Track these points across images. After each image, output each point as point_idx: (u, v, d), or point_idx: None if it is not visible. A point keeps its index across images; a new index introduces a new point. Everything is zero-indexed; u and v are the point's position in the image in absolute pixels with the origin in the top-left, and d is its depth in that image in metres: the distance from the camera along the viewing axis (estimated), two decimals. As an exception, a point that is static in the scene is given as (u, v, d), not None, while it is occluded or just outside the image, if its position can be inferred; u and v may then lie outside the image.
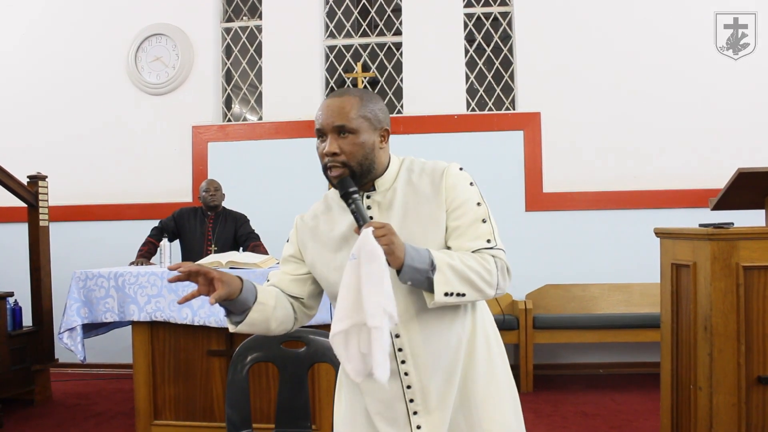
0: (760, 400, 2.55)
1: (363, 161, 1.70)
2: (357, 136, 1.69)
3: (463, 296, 1.61)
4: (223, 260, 4.08)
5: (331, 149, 1.68)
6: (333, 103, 1.71)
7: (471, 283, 1.62)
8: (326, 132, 1.70)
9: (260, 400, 3.87)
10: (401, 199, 1.76)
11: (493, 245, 1.69)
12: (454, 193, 1.72)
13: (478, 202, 1.73)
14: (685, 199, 5.42)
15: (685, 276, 2.79)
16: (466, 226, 1.70)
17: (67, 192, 6.05)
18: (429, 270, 1.58)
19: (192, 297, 1.63)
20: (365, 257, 1.49)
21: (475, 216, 1.71)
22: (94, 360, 5.49)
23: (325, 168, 1.71)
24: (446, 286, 1.58)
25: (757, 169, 2.69)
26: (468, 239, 1.69)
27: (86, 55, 6.21)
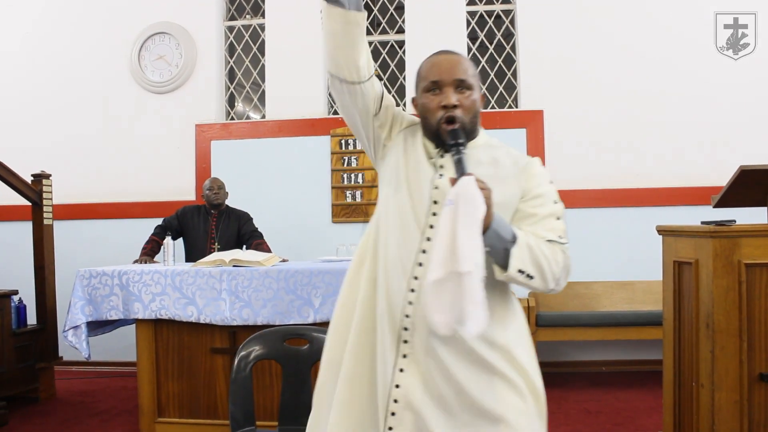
0: (762, 397, 2.55)
1: (473, 119, 1.76)
2: (472, 93, 1.75)
3: (531, 278, 1.63)
4: (226, 258, 4.10)
5: (452, 100, 1.71)
6: (451, 58, 1.75)
7: (541, 270, 1.64)
8: (445, 84, 1.73)
9: (263, 398, 3.88)
10: (489, 159, 1.78)
11: (564, 242, 1.73)
12: (535, 182, 1.77)
13: (555, 200, 1.78)
14: (688, 197, 5.41)
15: (687, 273, 2.79)
16: (542, 217, 1.73)
17: (71, 190, 6.07)
18: (510, 241, 1.61)
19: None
20: (464, 202, 1.50)
21: (552, 211, 1.75)
22: (98, 358, 5.49)
23: (439, 120, 1.72)
24: (521, 262, 1.61)
25: (759, 166, 2.70)
26: (543, 228, 1.72)
27: (89, 53, 6.23)
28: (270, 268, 3.97)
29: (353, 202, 5.80)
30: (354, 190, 5.80)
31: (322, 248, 5.41)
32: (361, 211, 5.79)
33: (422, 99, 1.77)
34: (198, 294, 3.98)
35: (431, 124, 1.75)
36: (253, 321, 3.89)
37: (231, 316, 3.92)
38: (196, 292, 3.98)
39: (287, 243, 5.50)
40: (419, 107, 1.81)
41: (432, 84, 1.74)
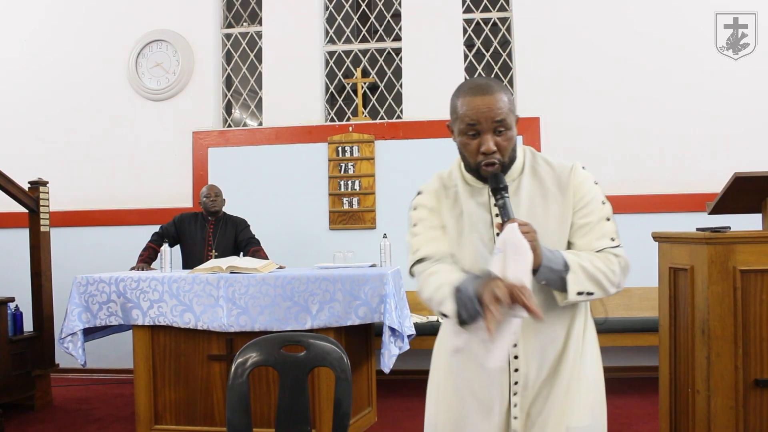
0: (758, 403, 2.56)
1: (511, 155, 1.77)
2: (509, 131, 1.75)
3: (591, 295, 1.70)
4: (223, 265, 4.10)
5: (491, 147, 1.72)
6: (486, 100, 1.72)
7: (599, 283, 1.70)
8: (483, 131, 1.72)
9: (260, 405, 3.88)
10: (528, 191, 1.80)
11: (617, 243, 1.76)
12: (582, 191, 1.78)
13: (602, 200, 1.79)
14: (683, 204, 5.43)
15: (683, 280, 2.80)
16: (593, 225, 1.77)
17: (68, 197, 6.08)
18: (563, 270, 1.66)
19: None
20: (511, 250, 1.56)
21: (601, 214, 1.78)
22: (95, 365, 5.51)
23: (477, 165, 1.74)
24: (578, 285, 1.67)
25: (754, 173, 2.71)
26: (594, 237, 1.76)
27: (87, 61, 6.24)
28: (267, 275, 3.97)
29: (350, 209, 5.81)
30: (351, 197, 5.81)
31: (319, 255, 5.42)
32: (358, 218, 5.80)
33: (460, 138, 1.77)
34: (195, 301, 3.99)
35: (470, 163, 1.77)
36: (250, 328, 3.90)
37: (228, 323, 3.92)
38: (193, 299, 3.99)
39: (284, 250, 5.51)
40: (457, 142, 1.81)
41: (470, 129, 1.73)
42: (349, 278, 3.89)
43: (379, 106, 6.25)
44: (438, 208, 1.87)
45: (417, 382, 5.44)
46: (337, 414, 2.47)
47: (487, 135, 1.72)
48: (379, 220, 5.78)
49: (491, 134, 1.72)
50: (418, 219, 1.88)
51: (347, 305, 3.86)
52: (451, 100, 1.83)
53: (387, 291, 3.83)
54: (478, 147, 1.73)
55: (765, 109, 5.56)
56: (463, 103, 1.74)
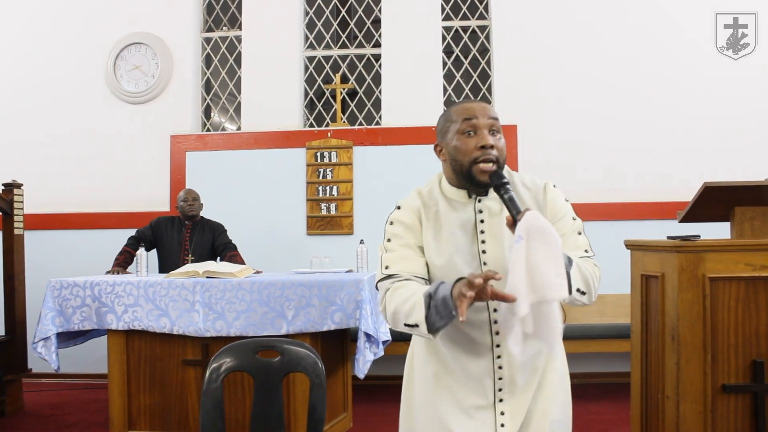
0: (725, 408, 2.60)
1: (503, 162, 1.81)
2: (501, 137, 1.81)
3: (584, 295, 1.73)
4: (200, 270, 4.09)
5: (489, 141, 1.76)
6: (481, 103, 1.82)
7: (589, 286, 1.75)
8: (480, 126, 1.77)
9: (235, 410, 3.87)
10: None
11: (591, 255, 1.84)
12: (555, 208, 1.86)
13: (573, 216, 1.87)
14: (655, 212, 5.50)
15: (654, 287, 2.84)
16: (567, 237, 1.81)
17: (43, 200, 6.02)
18: (569, 264, 1.67)
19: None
20: (536, 235, 1.53)
21: (573, 228, 1.85)
22: (68, 370, 5.45)
23: (474, 161, 1.76)
24: (577, 282, 1.70)
25: (722, 183, 2.76)
26: (570, 248, 1.80)
27: (64, 62, 6.19)
28: (243, 280, 3.97)
29: (328, 215, 5.82)
30: (329, 202, 5.82)
31: (296, 260, 5.42)
32: (336, 223, 5.81)
33: (455, 141, 1.79)
34: (171, 305, 3.97)
35: (464, 165, 1.78)
36: (226, 333, 3.89)
37: (204, 328, 3.91)
38: (169, 304, 3.97)
39: (261, 255, 5.50)
40: (449, 150, 1.82)
41: (467, 125, 1.78)
42: (326, 284, 3.89)
43: (357, 112, 6.26)
44: (416, 228, 1.86)
45: (392, 387, 5.44)
46: (312, 419, 2.47)
47: (484, 130, 1.77)
48: (357, 226, 5.79)
49: (488, 130, 1.78)
50: (393, 234, 1.87)
51: (323, 311, 3.86)
52: (440, 118, 1.87)
53: (363, 297, 3.84)
54: (475, 144, 1.76)
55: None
56: (458, 109, 1.81)
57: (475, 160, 1.75)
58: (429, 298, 1.64)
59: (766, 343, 2.61)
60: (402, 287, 1.75)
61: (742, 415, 2.60)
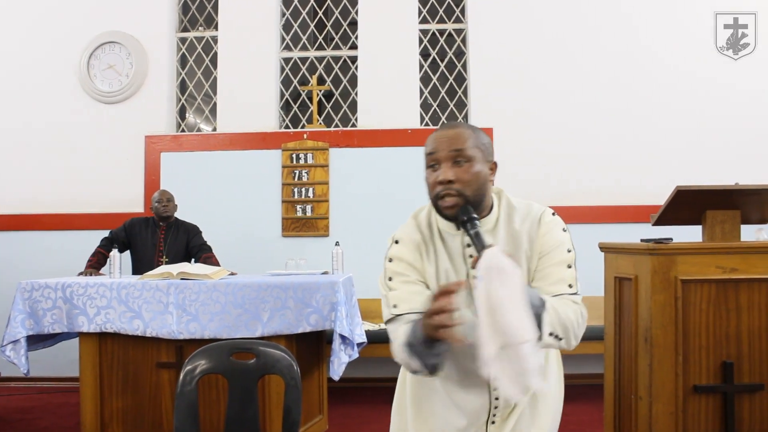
0: (696, 408, 2.64)
1: (477, 191, 1.68)
2: (472, 165, 1.67)
3: (560, 340, 1.65)
4: (174, 271, 4.05)
5: (447, 176, 1.66)
6: (448, 132, 1.70)
7: (567, 331, 1.66)
8: (441, 160, 1.68)
9: (210, 413, 3.84)
10: (502, 243, 1.76)
11: (575, 291, 1.73)
12: (548, 240, 1.75)
13: (568, 248, 1.76)
14: (629, 215, 5.57)
15: (627, 289, 2.88)
16: (552, 269, 1.73)
17: (13, 200, 5.93)
18: (540, 306, 1.60)
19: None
20: (495, 274, 1.45)
21: (562, 259, 1.74)
22: (39, 373, 5.36)
23: (436, 197, 1.69)
24: (551, 327, 1.61)
25: (694, 186, 2.80)
26: (551, 282, 1.72)
27: (37, 61, 6.11)
28: (218, 282, 3.94)
29: (303, 216, 5.80)
30: (304, 204, 5.80)
31: (271, 262, 5.39)
32: (312, 225, 5.80)
33: (425, 175, 1.73)
34: (144, 307, 3.93)
35: (431, 198, 1.72)
36: (200, 335, 3.86)
37: (178, 330, 3.88)
38: (142, 306, 3.93)
39: (236, 256, 5.46)
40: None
41: (430, 159, 1.71)
42: (301, 286, 3.88)
43: (334, 114, 6.26)
44: (418, 264, 1.79)
45: (368, 389, 5.44)
46: (287, 422, 2.46)
47: (445, 164, 1.68)
48: (332, 228, 5.78)
49: (450, 163, 1.67)
50: (394, 273, 1.79)
51: (299, 313, 3.85)
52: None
53: (338, 299, 3.84)
54: (436, 178, 1.68)
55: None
56: (427, 140, 1.73)
57: (437, 195, 1.68)
58: (409, 347, 1.61)
59: (736, 344, 2.65)
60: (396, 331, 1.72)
61: (713, 416, 2.65)
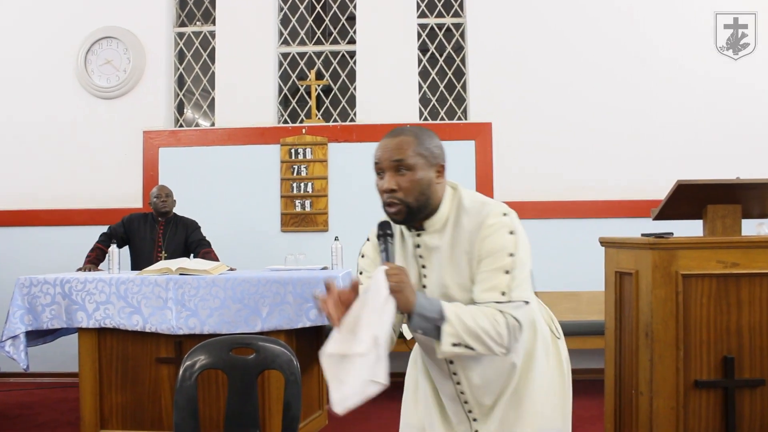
0: (697, 404, 2.64)
1: (419, 197, 1.74)
2: (414, 173, 1.73)
3: (472, 349, 1.66)
4: (173, 267, 4.05)
5: (390, 186, 1.73)
6: (390, 141, 1.76)
7: (480, 340, 1.65)
8: (385, 169, 1.75)
9: (209, 408, 3.84)
10: (447, 243, 1.78)
11: (507, 299, 1.68)
12: (488, 244, 1.71)
13: (510, 252, 1.70)
14: (630, 209, 5.55)
15: (628, 284, 2.87)
16: (487, 274, 1.70)
17: (12, 196, 5.92)
18: (439, 320, 1.63)
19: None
20: (373, 291, 1.58)
21: (500, 266, 1.69)
22: (38, 369, 5.36)
23: (384, 204, 1.77)
24: (454, 338, 1.64)
25: (695, 181, 2.79)
26: (483, 288, 1.70)
27: (34, 56, 6.08)
28: (217, 277, 3.93)
29: (302, 211, 5.79)
30: (303, 199, 5.79)
31: (270, 257, 5.38)
32: (311, 220, 5.79)
33: (375, 181, 1.80)
34: (143, 303, 3.92)
35: (382, 206, 1.79)
36: (199, 330, 3.85)
37: (177, 325, 3.87)
38: (141, 301, 3.92)
39: (235, 252, 5.45)
40: None
41: (376, 168, 1.78)
42: (300, 281, 3.87)
43: (332, 109, 6.24)
44: (377, 260, 1.85)
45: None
46: (287, 417, 2.46)
47: (388, 173, 1.74)
48: (332, 223, 5.77)
49: (392, 172, 1.74)
50: (362, 268, 1.93)
51: (298, 308, 3.84)
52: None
53: (338, 294, 3.82)
54: (381, 187, 1.76)
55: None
56: (376, 149, 1.79)
57: (384, 202, 1.76)
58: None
59: (737, 339, 2.65)
60: None
61: (714, 411, 2.64)
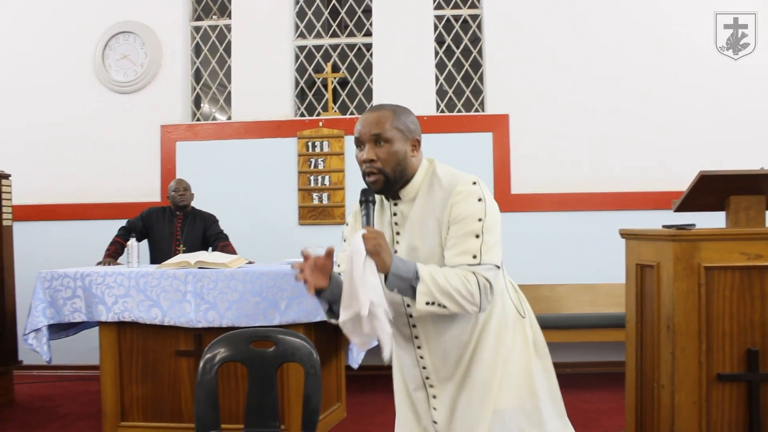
0: (720, 397, 2.61)
1: (396, 168, 1.87)
2: (391, 145, 1.86)
3: (444, 308, 1.76)
4: (191, 260, 4.06)
5: (369, 156, 1.85)
6: (370, 116, 1.89)
7: (452, 299, 1.75)
8: (364, 141, 1.87)
9: (229, 401, 3.86)
10: (418, 210, 1.91)
11: (477, 262, 1.78)
12: (457, 209, 1.82)
13: (479, 217, 1.81)
14: (650, 201, 5.51)
15: (649, 276, 2.85)
16: (457, 240, 1.81)
17: (32, 191, 5.96)
18: (413, 279, 1.74)
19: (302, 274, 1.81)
20: (355, 254, 1.69)
21: (470, 230, 1.80)
22: (60, 361, 5.41)
23: (364, 174, 1.89)
24: (427, 296, 1.74)
25: (718, 172, 2.76)
26: (455, 253, 1.80)
27: (52, 52, 6.12)
28: (236, 270, 3.94)
29: (320, 205, 5.79)
30: (321, 192, 5.79)
31: (288, 250, 5.39)
32: (328, 213, 5.79)
33: (356, 153, 1.93)
34: (162, 296, 3.94)
35: (362, 176, 1.91)
36: (218, 323, 3.87)
37: (196, 318, 3.89)
38: (160, 294, 3.94)
39: (253, 245, 5.47)
40: None
41: (356, 140, 1.90)
42: (319, 274, 3.86)
43: (349, 102, 6.23)
44: (354, 227, 2.05)
45: (386, 377, 5.42)
46: (307, 409, 2.46)
47: (368, 145, 1.87)
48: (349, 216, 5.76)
49: (372, 145, 1.86)
50: (345, 236, 2.10)
51: (316, 301, 3.83)
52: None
53: (357, 287, 3.82)
54: (361, 158, 1.88)
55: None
56: (356, 123, 1.92)
57: (363, 173, 1.89)
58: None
59: (760, 332, 2.62)
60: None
61: (737, 404, 2.62)
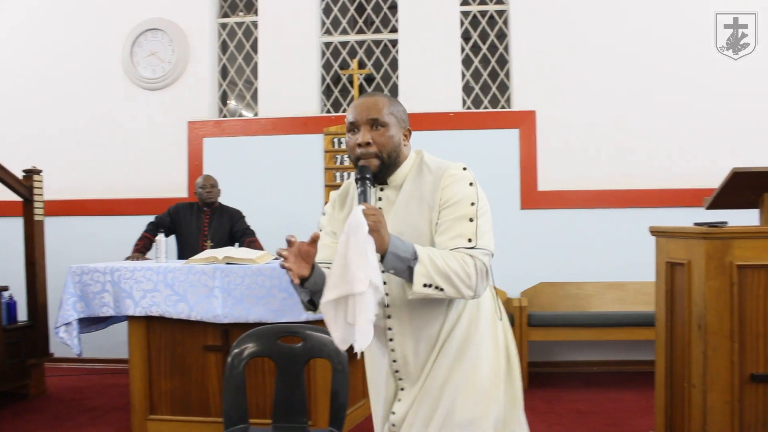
0: (753, 398, 2.57)
1: (391, 153, 1.87)
2: (387, 129, 1.86)
3: (441, 290, 1.72)
4: (219, 255, 4.09)
5: (365, 139, 1.83)
6: (366, 100, 1.88)
7: (450, 281, 1.71)
8: (360, 124, 1.86)
9: (256, 395, 3.88)
10: (405, 195, 1.88)
11: (473, 245, 1.76)
12: (449, 193, 1.81)
13: (472, 201, 1.80)
14: (680, 199, 5.44)
15: (680, 274, 2.81)
16: (452, 223, 1.78)
17: (62, 186, 6.04)
18: (411, 260, 1.70)
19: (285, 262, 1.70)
20: (352, 230, 1.61)
21: (463, 214, 1.79)
22: (90, 355, 5.48)
23: (357, 159, 1.86)
24: (426, 278, 1.69)
25: (752, 168, 2.71)
26: (450, 236, 1.78)
27: (81, 49, 6.20)
28: (263, 266, 3.96)
29: (346, 201, 5.79)
30: (347, 188, 5.79)
31: (314, 246, 5.40)
32: (354, 209, 5.79)
33: (346, 139, 1.92)
34: (190, 291, 3.97)
35: (353, 161, 1.89)
36: (245, 319, 3.89)
37: (223, 314, 3.91)
38: (187, 289, 3.97)
39: (279, 241, 5.46)
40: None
41: (350, 125, 1.88)
42: (346, 270, 3.87)
43: (375, 98, 6.22)
44: (334, 216, 2.02)
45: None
46: (334, 405, 2.47)
47: (363, 128, 1.85)
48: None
49: (368, 128, 1.85)
50: (322, 225, 2.07)
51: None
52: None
53: (383, 283, 3.82)
54: (356, 141, 1.85)
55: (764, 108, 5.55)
56: (349, 109, 1.91)
57: (358, 157, 1.85)
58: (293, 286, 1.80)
59: (795, 331, 2.57)
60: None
61: (770, 405, 2.57)
